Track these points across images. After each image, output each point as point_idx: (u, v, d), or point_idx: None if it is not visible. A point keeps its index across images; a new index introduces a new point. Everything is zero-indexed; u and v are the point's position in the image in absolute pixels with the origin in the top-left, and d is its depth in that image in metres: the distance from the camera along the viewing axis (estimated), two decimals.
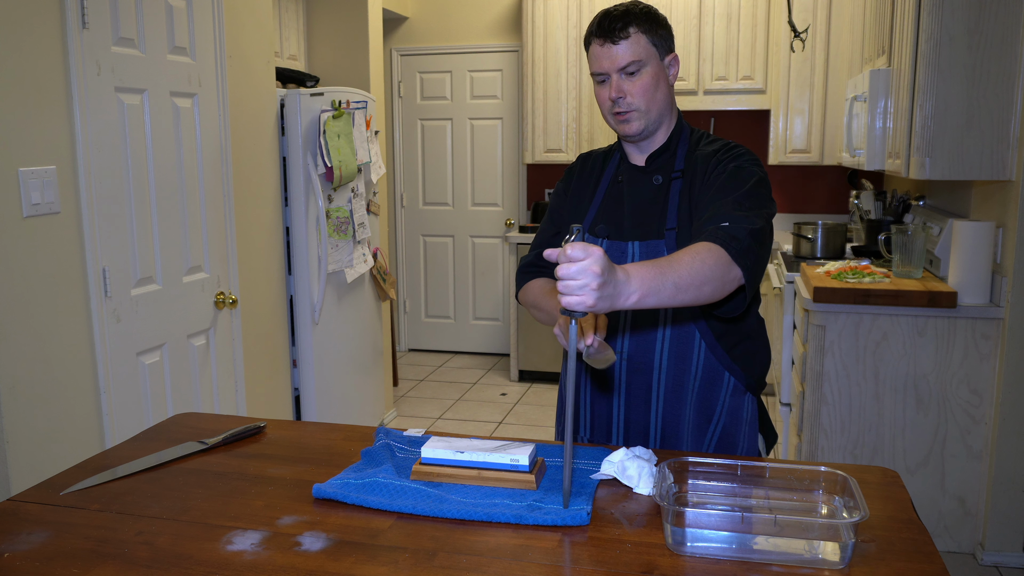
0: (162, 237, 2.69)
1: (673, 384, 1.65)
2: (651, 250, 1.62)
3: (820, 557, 1.17)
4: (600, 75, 1.62)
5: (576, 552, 1.20)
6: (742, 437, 1.70)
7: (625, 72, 1.59)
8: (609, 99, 1.62)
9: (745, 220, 1.46)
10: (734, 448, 1.69)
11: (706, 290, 1.36)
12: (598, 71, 1.62)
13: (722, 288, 1.39)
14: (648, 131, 1.65)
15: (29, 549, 1.23)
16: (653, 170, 1.68)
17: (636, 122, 1.62)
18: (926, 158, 2.88)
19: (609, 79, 1.61)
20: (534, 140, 5.32)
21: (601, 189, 1.72)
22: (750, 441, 1.72)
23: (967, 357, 2.94)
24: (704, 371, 1.65)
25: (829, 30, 4.73)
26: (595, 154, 1.80)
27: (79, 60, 2.31)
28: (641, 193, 1.67)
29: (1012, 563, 2.96)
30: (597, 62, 1.61)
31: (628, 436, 1.70)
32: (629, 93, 1.60)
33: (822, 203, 5.34)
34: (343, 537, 1.25)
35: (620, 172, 1.73)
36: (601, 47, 1.59)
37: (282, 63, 4.22)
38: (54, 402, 2.28)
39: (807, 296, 3.09)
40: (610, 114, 1.64)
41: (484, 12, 5.74)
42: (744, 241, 1.43)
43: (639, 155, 1.71)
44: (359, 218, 3.82)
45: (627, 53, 1.58)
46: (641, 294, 1.26)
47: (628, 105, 1.61)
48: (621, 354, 1.65)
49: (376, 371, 4.25)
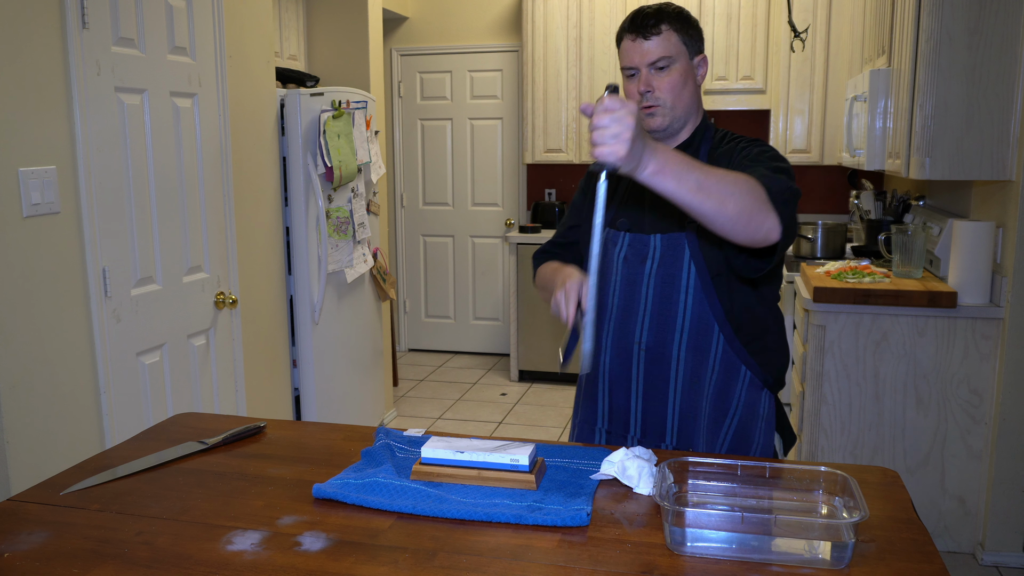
0: (162, 237, 2.69)
1: (691, 376, 1.65)
2: (673, 242, 1.63)
3: (820, 557, 1.17)
4: (630, 69, 1.64)
5: (576, 552, 1.20)
6: (758, 433, 1.69)
7: (655, 67, 1.62)
8: (638, 92, 1.63)
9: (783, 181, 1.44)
10: (749, 444, 1.68)
11: (729, 208, 1.30)
12: (629, 65, 1.64)
13: (748, 222, 1.33)
14: (672, 128, 1.67)
15: (29, 549, 1.23)
16: None
17: (660, 117, 1.64)
18: (926, 158, 2.88)
19: (639, 73, 1.63)
20: (534, 140, 5.32)
21: (622, 184, 1.73)
22: (766, 438, 1.71)
23: (967, 357, 2.94)
24: (722, 364, 1.64)
25: (829, 30, 4.73)
26: None
27: (79, 60, 2.31)
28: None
29: (1012, 563, 2.96)
30: (628, 56, 1.63)
31: (645, 428, 1.70)
32: (657, 88, 1.62)
33: (822, 203, 5.34)
34: (343, 537, 1.25)
35: None
36: (633, 42, 1.62)
37: (282, 63, 4.22)
38: (54, 402, 2.28)
39: (807, 296, 3.09)
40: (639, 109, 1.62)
41: (484, 12, 5.74)
42: (784, 194, 1.40)
43: None
44: (359, 218, 3.82)
45: (658, 49, 1.60)
46: (660, 166, 1.23)
47: (655, 100, 1.63)
48: (639, 344, 1.66)
49: (376, 371, 4.25)
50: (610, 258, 1.69)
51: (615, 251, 1.69)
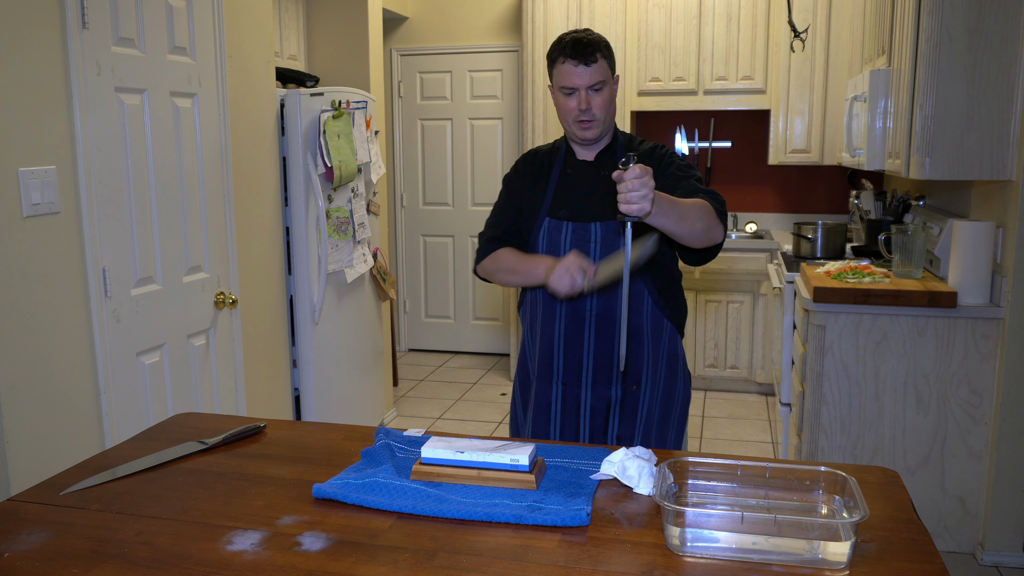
0: (162, 237, 2.69)
1: (632, 331, 2.05)
2: (610, 230, 1.98)
3: (820, 557, 1.17)
4: (570, 88, 1.95)
5: (576, 552, 1.20)
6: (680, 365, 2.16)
7: (592, 88, 1.95)
8: (577, 109, 1.96)
9: (715, 197, 1.90)
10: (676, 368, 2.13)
11: (697, 228, 1.76)
12: (569, 85, 1.95)
13: (707, 234, 1.80)
14: (600, 136, 2.02)
15: (29, 549, 1.23)
16: (601, 164, 2.05)
17: (594, 129, 1.99)
18: (926, 158, 2.88)
19: (577, 93, 1.95)
20: (534, 140, 5.32)
21: (553, 180, 2.07)
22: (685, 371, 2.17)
23: (967, 357, 2.94)
24: (651, 319, 2.06)
25: (829, 30, 4.73)
26: (541, 151, 2.14)
27: (79, 60, 2.31)
28: (594, 183, 2.03)
29: (1012, 563, 2.96)
30: (569, 78, 1.94)
31: (596, 376, 2.06)
32: (594, 106, 1.96)
33: (822, 203, 5.34)
34: (343, 537, 1.25)
35: (568, 166, 2.07)
36: (575, 67, 1.93)
37: (282, 63, 4.22)
38: (54, 402, 2.28)
39: (807, 296, 3.10)
40: (574, 121, 1.98)
41: (484, 12, 5.74)
42: (722, 210, 1.90)
43: (588, 152, 2.07)
44: (359, 218, 3.82)
45: (595, 74, 1.93)
46: (659, 210, 1.62)
47: (592, 116, 1.97)
48: (591, 311, 2.02)
49: (376, 371, 4.25)
50: (555, 242, 2.02)
51: (560, 237, 2.02)
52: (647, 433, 2.08)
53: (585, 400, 2.06)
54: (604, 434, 2.07)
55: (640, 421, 2.07)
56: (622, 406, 2.05)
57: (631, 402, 2.06)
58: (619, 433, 2.06)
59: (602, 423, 2.07)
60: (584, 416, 2.07)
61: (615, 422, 2.06)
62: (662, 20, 4.98)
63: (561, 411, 2.08)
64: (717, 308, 4.95)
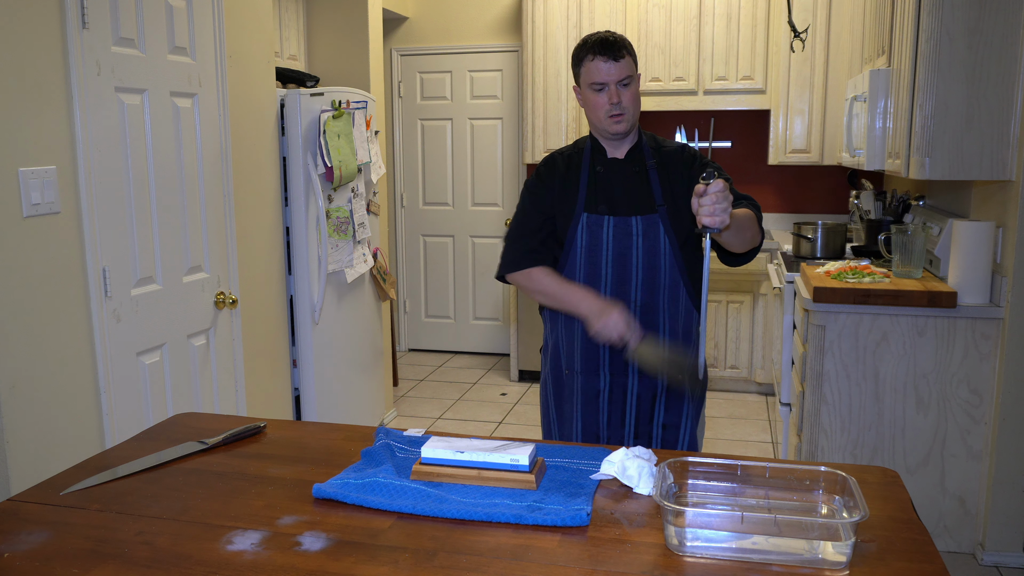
0: (162, 237, 2.69)
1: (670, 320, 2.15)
2: (650, 222, 2.07)
3: (820, 557, 1.17)
4: (600, 84, 2.03)
5: (576, 552, 1.20)
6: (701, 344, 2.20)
7: (621, 84, 2.03)
8: (609, 103, 2.03)
9: (753, 202, 2.04)
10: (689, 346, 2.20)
11: (747, 236, 1.93)
12: (600, 81, 2.02)
13: (754, 240, 1.98)
14: (630, 129, 2.10)
15: (29, 549, 1.23)
16: (632, 160, 2.13)
17: (625, 123, 2.06)
18: (926, 158, 2.88)
19: (607, 88, 2.03)
20: (534, 140, 5.32)
21: (583, 178, 2.13)
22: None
23: (967, 357, 2.94)
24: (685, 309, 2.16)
25: (829, 30, 4.73)
26: (563, 154, 2.19)
27: (79, 60, 2.31)
28: (627, 179, 2.12)
29: (1012, 563, 2.96)
30: (599, 74, 2.02)
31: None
32: (624, 99, 2.04)
33: (822, 203, 5.34)
34: (343, 537, 1.25)
35: (597, 164, 2.14)
36: (604, 63, 2.01)
37: (282, 63, 4.22)
38: (54, 402, 2.28)
39: (807, 296, 3.09)
40: (607, 116, 2.05)
41: (484, 12, 5.74)
42: (760, 213, 2.04)
43: (617, 150, 2.14)
44: (359, 218, 3.82)
45: (624, 69, 2.03)
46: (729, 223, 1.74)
47: (623, 109, 2.04)
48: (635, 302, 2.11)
49: (376, 371, 4.25)
50: (597, 237, 2.09)
51: (601, 232, 2.09)
52: (693, 421, 2.17)
53: (632, 389, 2.14)
54: (650, 421, 2.15)
55: (686, 409, 2.16)
56: (668, 393, 2.14)
57: (676, 389, 2.13)
58: (664, 421, 2.15)
59: (648, 409, 2.15)
60: (631, 403, 2.15)
61: (660, 410, 2.15)
62: (662, 20, 4.98)
63: (608, 400, 2.16)
64: (717, 308, 4.96)
